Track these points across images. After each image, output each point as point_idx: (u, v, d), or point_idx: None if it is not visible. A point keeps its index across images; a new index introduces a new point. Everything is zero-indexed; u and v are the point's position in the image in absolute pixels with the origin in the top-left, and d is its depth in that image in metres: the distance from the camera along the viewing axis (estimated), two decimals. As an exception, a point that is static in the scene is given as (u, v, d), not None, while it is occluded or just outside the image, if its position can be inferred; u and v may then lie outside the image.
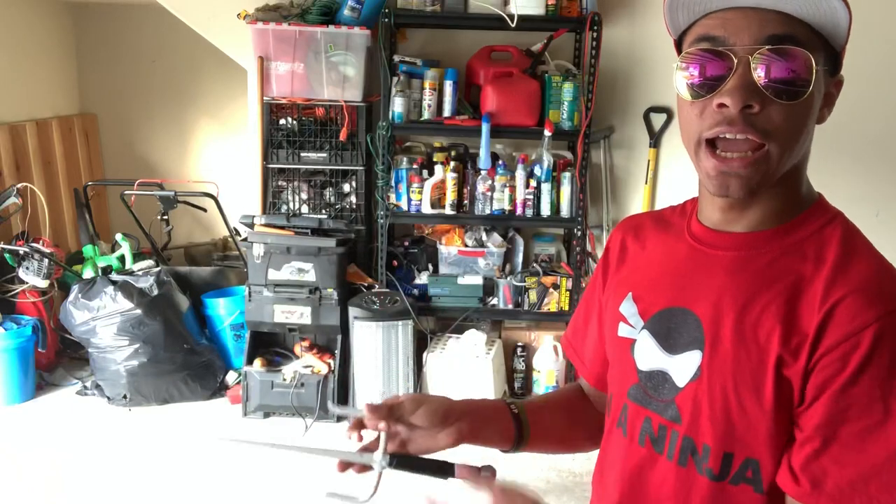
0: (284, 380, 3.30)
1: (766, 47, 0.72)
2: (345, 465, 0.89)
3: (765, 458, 0.77)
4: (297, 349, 3.44)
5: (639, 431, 0.86)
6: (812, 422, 0.73)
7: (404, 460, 0.86)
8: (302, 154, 3.47)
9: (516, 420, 0.96)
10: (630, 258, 0.95)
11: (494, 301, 3.48)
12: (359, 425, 0.90)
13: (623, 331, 0.90)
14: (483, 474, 0.85)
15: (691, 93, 0.76)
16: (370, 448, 0.88)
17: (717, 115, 0.74)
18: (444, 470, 0.86)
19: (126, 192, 3.93)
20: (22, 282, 3.63)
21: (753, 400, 0.76)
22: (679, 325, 0.83)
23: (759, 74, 0.72)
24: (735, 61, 0.73)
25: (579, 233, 3.40)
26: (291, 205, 3.56)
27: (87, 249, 4.00)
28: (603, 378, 1.01)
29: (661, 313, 0.86)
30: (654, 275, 0.89)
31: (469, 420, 0.90)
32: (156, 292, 3.47)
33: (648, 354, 0.86)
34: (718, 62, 0.74)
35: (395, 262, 3.54)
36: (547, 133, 3.20)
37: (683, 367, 0.82)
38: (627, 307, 0.90)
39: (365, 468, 0.87)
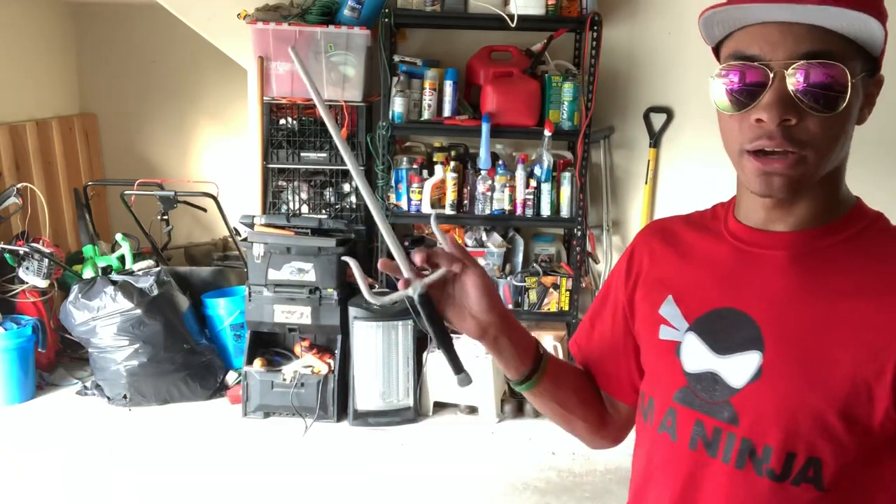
0: (284, 380, 3.30)
1: (801, 61, 0.73)
2: (390, 264, 0.88)
3: (827, 457, 0.77)
4: (297, 349, 3.44)
5: (689, 435, 0.85)
6: None
7: (430, 309, 0.87)
8: (302, 154, 3.47)
9: (535, 361, 0.95)
10: (662, 261, 0.93)
11: (494, 301, 3.47)
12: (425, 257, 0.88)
13: (665, 333, 0.89)
14: (463, 373, 0.89)
15: (729, 106, 0.77)
16: (420, 273, 0.88)
17: (756, 128, 0.75)
18: (445, 340, 0.89)
19: (126, 192, 3.94)
20: (22, 282, 3.63)
21: (819, 399, 0.76)
22: (729, 326, 0.83)
23: (794, 88, 0.73)
24: (771, 75, 0.74)
25: (579, 233, 3.40)
26: (291, 205, 3.56)
27: (87, 249, 4.00)
28: (608, 382, 1.02)
29: (709, 314, 0.85)
30: (695, 276, 0.89)
31: (498, 328, 0.90)
32: (156, 292, 3.47)
33: (696, 356, 0.85)
34: (754, 76, 0.75)
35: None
36: (547, 133, 3.20)
37: (738, 367, 0.81)
38: (668, 310, 0.89)
39: (406, 283, 0.87)
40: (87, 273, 3.86)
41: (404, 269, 0.87)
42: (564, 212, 3.35)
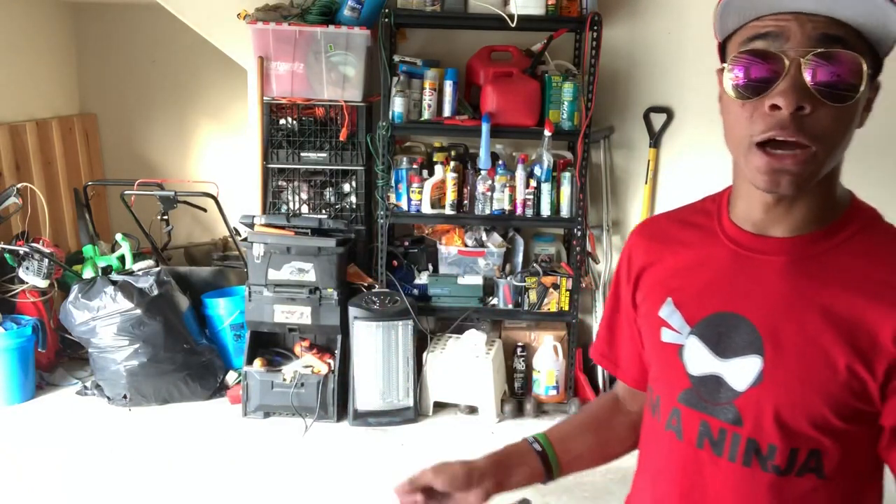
0: (284, 380, 3.30)
1: (818, 50, 0.72)
2: None
3: (828, 448, 0.80)
4: (297, 349, 3.45)
5: (696, 435, 0.87)
6: None
7: None
8: (302, 154, 3.47)
9: (542, 457, 1.01)
10: (659, 263, 0.94)
11: (494, 301, 3.48)
12: None
13: (667, 336, 0.90)
14: None
15: (741, 94, 0.76)
16: None
17: (769, 117, 0.74)
18: None
19: (126, 192, 3.93)
20: (22, 282, 3.63)
21: (821, 402, 0.79)
22: (730, 331, 0.84)
23: (810, 77, 0.73)
24: (787, 63, 0.73)
25: (579, 233, 3.40)
26: (291, 205, 3.56)
27: (87, 249, 4.00)
28: (641, 379, 1.03)
29: (709, 319, 0.86)
30: (694, 280, 0.89)
31: (492, 476, 0.97)
32: (156, 292, 3.47)
33: (699, 359, 0.87)
34: (769, 64, 0.74)
35: (395, 262, 3.54)
36: (547, 133, 3.20)
37: (740, 371, 0.83)
38: (668, 312, 0.90)
39: None
40: (87, 273, 3.86)
41: None
42: (564, 212, 3.35)
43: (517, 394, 3.53)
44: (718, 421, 0.85)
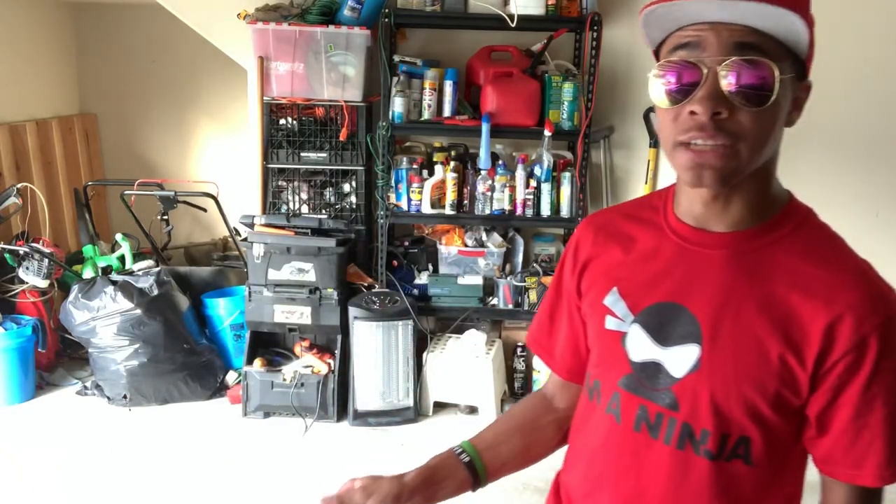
0: (284, 380, 3.30)
1: (733, 58, 0.78)
2: None
3: (755, 436, 0.85)
4: (297, 349, 3.44)
5: (633, 418, 0.91)
6: (842, 415, 0.82)
7: None
8: (302, 154, 3.47)
9: (470, 468, 1.04)
10: (605, 254, 0.98)
11: (494, 301, 3.48)
12: None
13: (611, 324, 0.94)
14: None
15: (666, 100, 0.82)
16: None
17: (690, 121, 0.80)
18: None
19: (126, 192, 3.93)
20: (22, 282, 3.63)
21: (754, 390, 0.83)
22: (671, 320, 0.89)
23: (726, 83, 0.78)
24: (705, 71, 0.79)
25: (579, 233, 3.39)
26: (291, 205, 3.56)
27: (87, 249, 4.00)
28: (575, 370, 1.06)
29: (652, 308, 0.91)
30: (639, 271, 0.93)
31: (421, 492, 0.98)
32: (156, 292, 3.47)
33: (641, 346, 0.91)
34: (690, 72, 0.80)
35: (395, 262, 3.54)
36: (547, 133, 3.20)
37: (679, 359, 0.87)
38: (613, 300, 0.94)
39: None
40: (87, 273, 3.86)
41: None
42: (564, 212, 3.35)
43: (517, 394, 3.53)
44: (656, 406, 0.89)
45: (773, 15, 0.76)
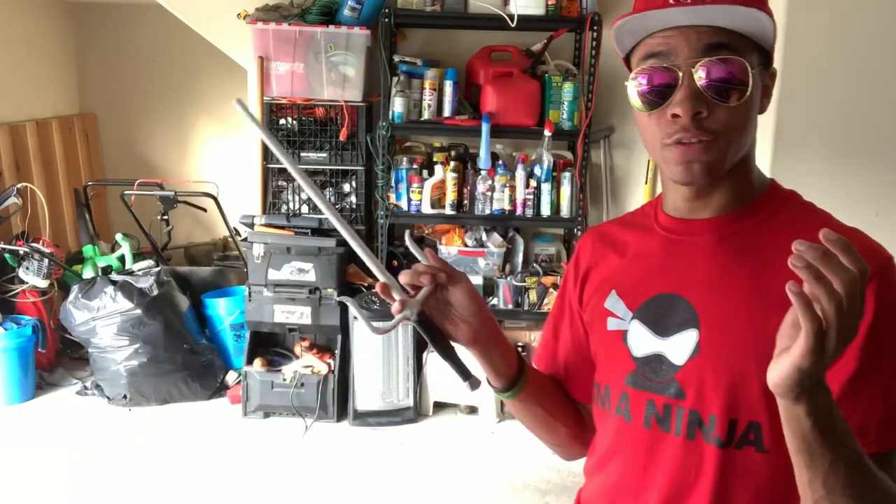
0: (284, 380, 3.30)
1: (706, 58, 0.80)
2: (387, 290, 0.91)
3: (765, 420, 0.83)
4: (297, 349, 3.45)
5: (643, 415, 0.90)
6: (842, 378, 0.79)
7: (429, 325, 0.91)
8: (302, 154, 3.47)
9: (520, 364, 1.00)
10: (604, 262, 1.00)
11: (494, 301, 3.48)
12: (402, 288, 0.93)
13: (612, 324, 0.95)
14: (472, 379, 0.94)
15: (645, 105, 0.85)
16: (414, 293, 0.92)
17: (673, 123, 0.83)
18: (449, 351, 0.94)
19: (126, 192, 3.94)
20: (22, 282, 3.63)
21: (755, 366, 0.82)
22: (668, 310, 0.90)
23: (702, 83, 0.81)
24: (680, 74, 0.81)
25: (579, 233, 3.40)
26: (291, 205, 3.56)
27: (87, 249, 4.01)
28: (581, 391, 1.04)
29: (648, 302, 0.92)
30: (634, 270, 0.96)
31: (488, 333, 0.94)
32: (156, 292, 3.47)
33: (642, 341, 0.92)
34: (666, 76, 0.82)
35: (395, 262, 3.54)
36: (547, 133, 3.20)
37: (679, 346, 0.88)
38: (612, 302, 0.96)
39: (402, 305, 0.91)
40: (87, 273, 3.86)
41: (396, 294, 0.91)
42: (564, 212, 3.35)
43: (517, 394, 3.53)
44: (663, 397, 0.89)
45: (741, 15, 0.79)
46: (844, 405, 0.79)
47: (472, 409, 3.41)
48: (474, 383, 0.93)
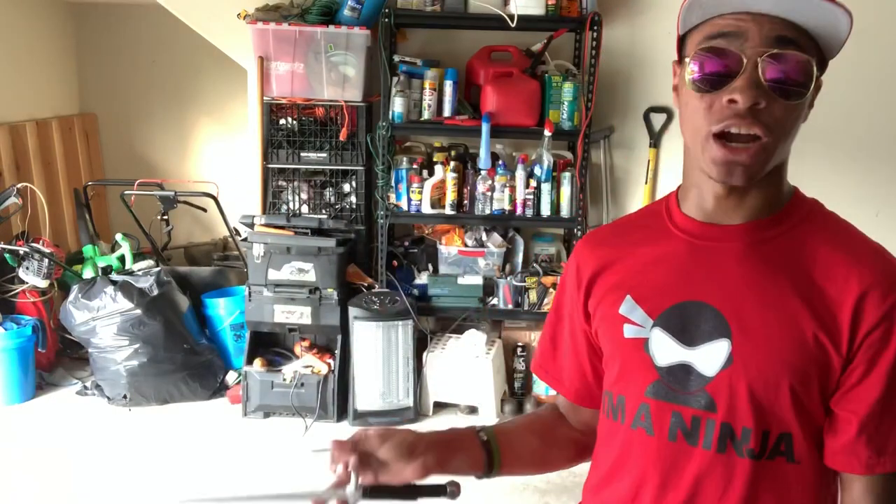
0: (284, 380, 3.30)
1: (774, 50, 0.77)
2: (322, 502, 0.90)
3: (796, 430, 0.83)
4: (297, 349, 3.44)
5: (667, 427, 0.87)
6: (870, 397, 0.80)
7: (375, 489, 0.90)
8: (302, 154, 3.47)
9: (485, 448, 0.97)
10: (611, 267, 0.96)
11: (494, 301, 3.48)
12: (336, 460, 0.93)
13: (630, 332, 0.91)
14: (449, 489, 0.90)
15: (700, 87, 0.81)
16: (342, 482, 0.92)
17: (727, 109, 0.79)
18: (412, 492, 0.91)
19: (126, 192, 3.93)
20: (22, 282, 3.63)
21: (787, 376, 0.81)
22: (695, 318, 0.86)
23: (765, 75, 0.78)
24: (745, 61, 0.78)
25: (579, 233, 3.40)
26: (291, 205, 3.56)
27: (87, 249, 4.00)
28: (583, 393, 1.03)
29: (672, 309, 0.88)
30: (651, 275, 0.91)
31: (435, 452, 0.92)
32: (156, 292, 3.47)
33: (666, 350, 0.88)
34: (729, 61, 0.79)
35: (395, 262, 3.54)
36: (547, 133, 3.20)
37: (709, 357, 0.85)
38: (629, 308, 0.91)
39: (341, 503, 0.90)
40: (87, 273, 3.86)
41: (327, 497, 0.92)
42: (564, 212, 3.35)
43: (517, 394, 3.53)
44: (691, 409, 0.85)
45: (821, 10, 0.76)
46: (869, 425, 0.80)
47: (473, 409, 3.41)
48: (454, 492, 0.91)
